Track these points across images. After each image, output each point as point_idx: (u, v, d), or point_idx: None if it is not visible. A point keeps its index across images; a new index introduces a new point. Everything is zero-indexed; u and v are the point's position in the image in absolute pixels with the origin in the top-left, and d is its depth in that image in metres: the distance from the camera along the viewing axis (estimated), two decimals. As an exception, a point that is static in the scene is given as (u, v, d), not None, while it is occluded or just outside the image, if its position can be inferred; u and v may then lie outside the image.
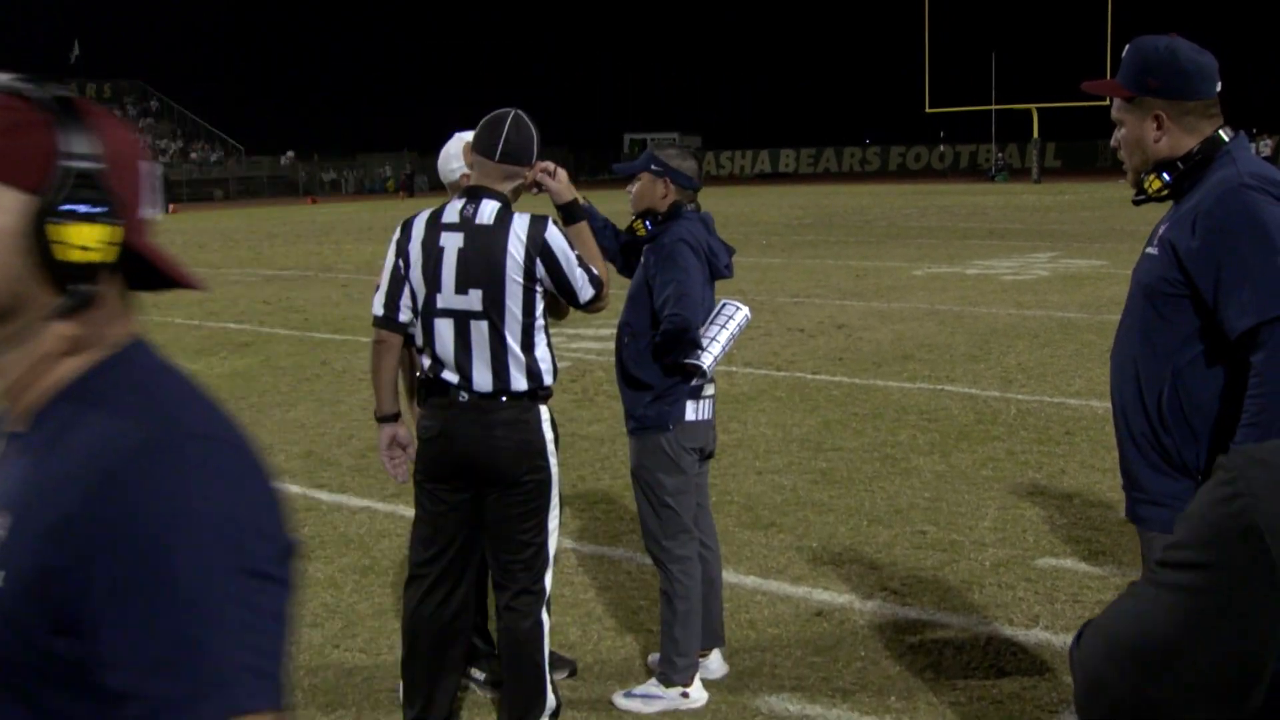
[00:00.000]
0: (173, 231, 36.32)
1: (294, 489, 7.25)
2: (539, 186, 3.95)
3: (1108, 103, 3.16)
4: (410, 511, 6.65)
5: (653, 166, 4.36)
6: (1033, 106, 55.73)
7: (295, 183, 71.16)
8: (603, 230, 4.47)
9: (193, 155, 73.96)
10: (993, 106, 59.34)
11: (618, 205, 4.28)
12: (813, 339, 12.25)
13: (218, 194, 68.32)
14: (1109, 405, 3.19)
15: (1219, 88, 3.04)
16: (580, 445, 7.96)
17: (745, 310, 4.48)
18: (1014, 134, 66.96)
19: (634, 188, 4.39)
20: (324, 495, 7.11)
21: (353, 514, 6.74)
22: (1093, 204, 35.46)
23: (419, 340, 3.85)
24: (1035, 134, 55.81)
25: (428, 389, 3.86)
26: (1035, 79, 55.81)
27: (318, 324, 14.59)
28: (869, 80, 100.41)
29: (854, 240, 25.32)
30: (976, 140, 73.37)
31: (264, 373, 11.26)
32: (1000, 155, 61.73)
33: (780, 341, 12.01)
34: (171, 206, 54.15)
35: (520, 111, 3.83)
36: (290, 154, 74.08)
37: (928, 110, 58.35)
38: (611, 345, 13.66)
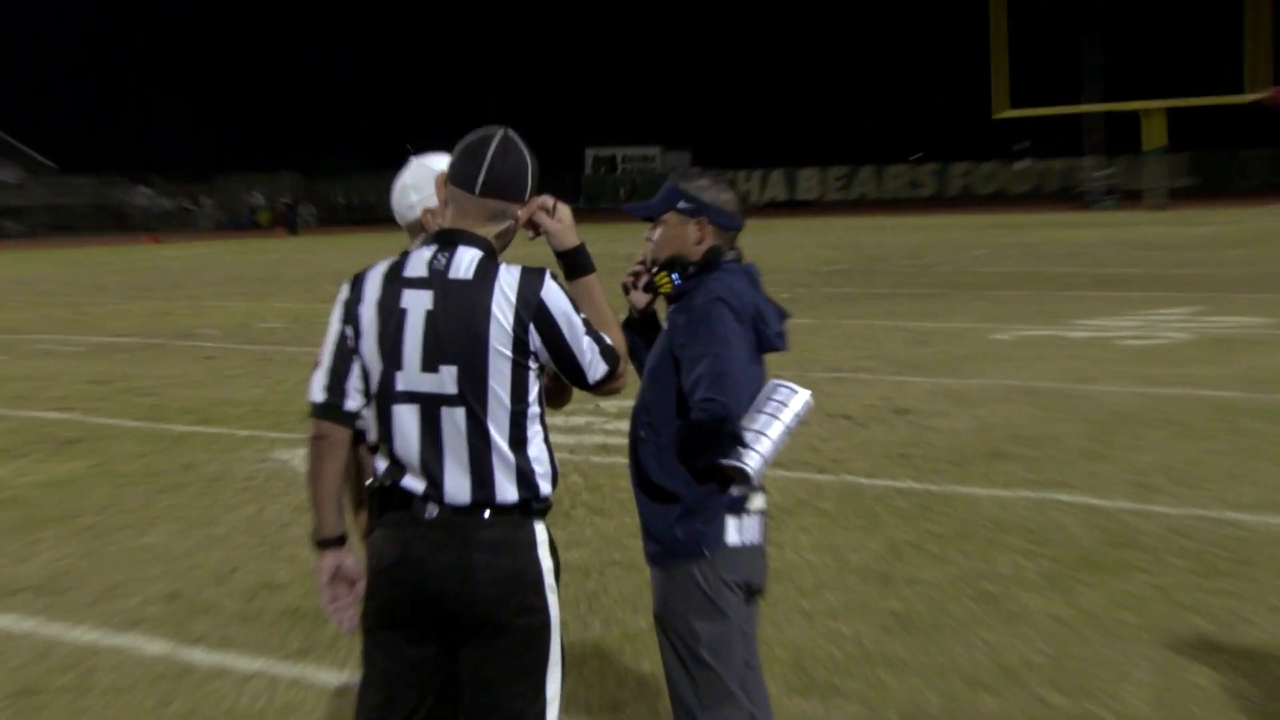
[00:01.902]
0: (-42, 284, 36.32)
1: (153, 648, 7.18)
2: (535, 229, 4.02)
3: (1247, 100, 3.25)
4: (327, 676, 6.68)
5: (681, 204, 4.44)
6: (1156, 105, 55.98)
7: (126, 213, 71.12)
8: None
9: (-17, 176, 74.07)
10: (1092, 107, 59.96)
11: (592, 248, 4.30)
12: (864, 429, 12.34)
13: (16, 228, 68.23)
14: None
15: None
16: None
17: (805, 394, 4.45)
18: (1122, 144, 67.52)
19: (655, 232, 4.47)
20: (199, 655, 7.07)
21: (243, 682, 6.69)
22: (1243, 238, 35.88)
23: (372, 435, 3.89)
24: (1162, 141, 55.85)
25: (383, 501, 3.88)
26: (1152, 68, 56.53)
27: (174, 413, 14.58)
28: (916, 75, 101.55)
29: (908, 292, 25.56)
30: (1069, 154, 74.23)
31: (100, 482, 11.23)
32: (1105, 173, 62.38)
33: (821, 433, 12.08)
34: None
35: (511, 131, 3.90)
36: (148, 190, 74.00)
37: (994, 116, 59.05)
38: (589, 437, 13.50)
